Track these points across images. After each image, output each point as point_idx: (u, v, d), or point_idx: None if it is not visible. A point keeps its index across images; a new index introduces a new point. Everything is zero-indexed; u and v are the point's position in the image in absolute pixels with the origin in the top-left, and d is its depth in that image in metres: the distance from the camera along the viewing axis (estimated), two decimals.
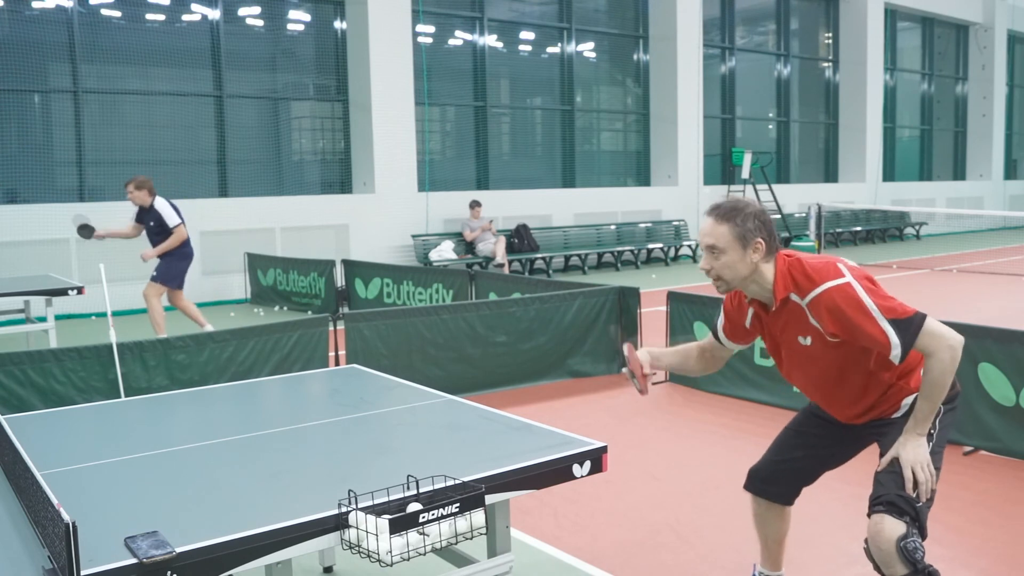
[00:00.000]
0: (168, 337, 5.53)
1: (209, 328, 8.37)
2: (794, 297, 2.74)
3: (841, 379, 2.84)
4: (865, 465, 4.73)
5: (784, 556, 3.37)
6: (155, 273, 8.60)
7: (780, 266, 2.76)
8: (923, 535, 2.64)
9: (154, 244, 8.63)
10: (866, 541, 2.69)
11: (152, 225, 8.60)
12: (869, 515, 2.69)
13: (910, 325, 2.61)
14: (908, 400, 2.84)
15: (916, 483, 2.66)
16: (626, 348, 3.09)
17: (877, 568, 2.68)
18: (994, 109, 25.50)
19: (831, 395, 2.93)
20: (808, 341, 2.79)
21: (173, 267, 8.62)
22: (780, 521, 3.24)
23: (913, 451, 2.69)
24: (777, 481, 3.16)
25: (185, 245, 8.69)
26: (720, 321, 3.10)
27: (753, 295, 2.84)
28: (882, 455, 2.82)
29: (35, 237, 10.94)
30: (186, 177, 12.94)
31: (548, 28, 16.93)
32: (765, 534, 3.27)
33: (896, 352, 2.62)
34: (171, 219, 8.55)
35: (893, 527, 2.60)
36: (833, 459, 3.14)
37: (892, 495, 2.65)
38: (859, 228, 20.99)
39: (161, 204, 8.58)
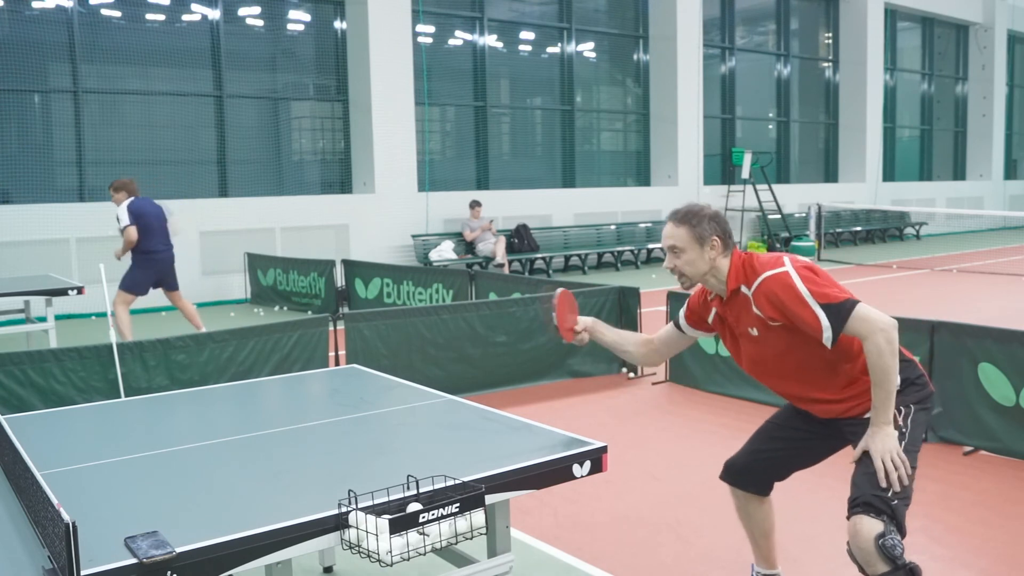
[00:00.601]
0: (168, 337, 5.54)
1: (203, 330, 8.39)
2: (743, 289, 2.94)
3: (799, 370, 2.96)
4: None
5: (776, 553, 3.39)
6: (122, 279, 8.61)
7: (735, 261, 2.99)
8: (902, 533, 2.70)
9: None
10: (848, 543, 2.75)
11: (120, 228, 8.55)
12: (848, 517, 2.76)
13: (840, 309, 2.75)
14: None
15: (887, 473, 2.73)
16: (559, 291, 3.26)
17: (861, 569, 2.73)
18: (994, 109, 25.50)
19: (795, 387, 3.03)
20: (756, 332, 2.96)
21: (133, 273, 8.56)
22: (761, 513, 3.30)
23: (881, 442, 2.77)
24: (750, 471, 3.25)
25: (145, 252, 8.51)
26: (683, 311, 3.29)
27: (712, 288, 3.05)
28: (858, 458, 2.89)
29: (35, 237, 10.94)
30: (186, 177, 12.95)
31: (548, 28, 16.93)
32: (750, 528, 3.34)
33: (827, 335, 2.77)
34: (122, 220, 8.44)
35: (871, 526, 2.67)
36: (809, 455, 3.23)
37: (868, 495, 2.72)
38: (859, 228, 20.98)
39: (121, 206, 8.50)
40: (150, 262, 8.56)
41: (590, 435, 3.00)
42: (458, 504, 2.36)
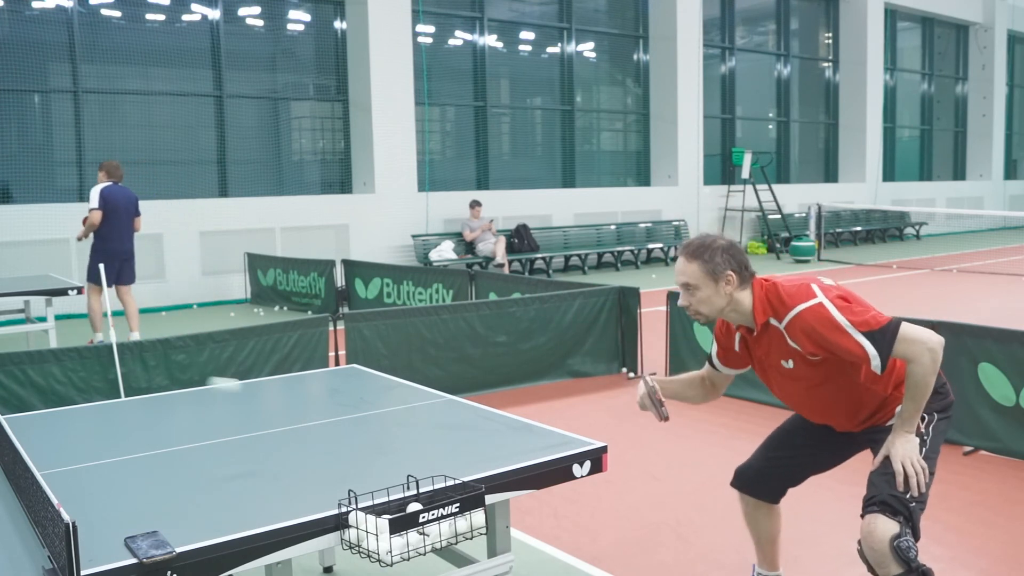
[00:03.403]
0: (168, 337, 5.53)
1: (100, 337, 8.47)
2: (773, 321, 2.82)
3: (833, 398, 2.89)
4: (865, 466, 4.73)
5: (780, 555, 3.38)
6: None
7: (757, 292, 2.85)
8: (916, 535, 2.66)
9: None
10: (859, 542, 2.72)
11: None
12: (863, 516, 2.72)
13: (884, 335, 2.66)
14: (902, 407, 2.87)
15: (907, 478, 2.70)
16: (644, 382, 3.17)
17: (871, 568, 2.69)
18: (994, 109, 25.50)
19: (826, 414, 2.98)
20: (791, 364, 2.86)
21: (90, 261, 8.63)
22: (770, 520, 3.27)
23: (902, 447, 2.73)
24: (764, 479, 3.19)
25: (101, 239, 8.58)
26: (713, 348, 3.19)
27: (735, 323, 2.95)
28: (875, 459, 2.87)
29: (35, 237, 10.93)
30: (186, 177, 12.95)
31: (548, 28, 16.93)
32: (757, 533, 3.31)
33: (876, 363, 2.67)
34: (91, 202, 8.53)
35: (886, 527, 2.62)
36: (823, 461, 3.18)
37: (885, 495, 2.68)
38: (859, 228, 20.98)
39: (96, 188, 8.60)
40: (103, 252, 8.62)
41: (590, 435, 3.00)
42: (458, 504, 2.36)
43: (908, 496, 2.68)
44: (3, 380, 4.98)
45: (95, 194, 8.55)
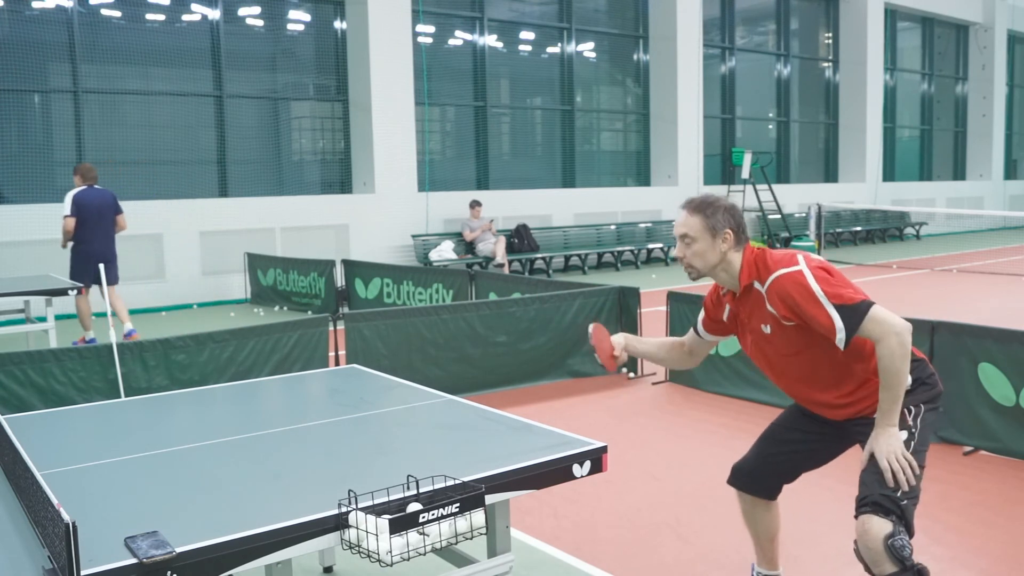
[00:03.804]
0: (168, 337, 5.54)
1: (91, 335, 8.61)
2: (756, 285, 2.93)
3: (810, 370, 2.93)
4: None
5: (779, 554, 3.38)
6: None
7: (747, 256, 2.97)
8: (910, 532, 2.68)
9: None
10: (855, 541, 2.74)
11: None
12: (856, 516, 2.74)
13: (855, 312, 2.71)
14: None
15: (894, 473, 2.71)
16: (592, 327, 3.37)
17: (867, 568, 2.71)
18: (994, 109, 25.50)
19: (804, 387, 3.00)
20: (768, 329, 2.94)
21: (72, 265, 8.76)
22: (768, 517, 3.28)
23: (886, 443, 2.76)
24: (759, 476, 3.22)
25: (78, 242, 8.70)
26: (700, 316, 3.30)
27: (722, 283, 3.05)
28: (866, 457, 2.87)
29: (35, 237, 10.92)
30: (186, 177, 12.95)
31: (548, 28, 16.93)
32: (756, 531, 3.32)
33: (840, 336, 2.73)
34: (64, 208, 8.62)
35: (880, 526, 2.65)
36: (817, 456, 3.20)
37: (876, 495, 2.70)
38: (859, 228, 20.99)
39: (69, 193, 8.68)
40: (80, 253, 8.74)
41: (590, 435, 3.00)
42: (458, 504, 2.36)
43: (899, 494, 2.69)
44: (3, 380, 4.98)
45: (68, 200, 8.65)
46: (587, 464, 2.79)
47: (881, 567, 2.64)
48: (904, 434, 2.79)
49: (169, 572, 2.05)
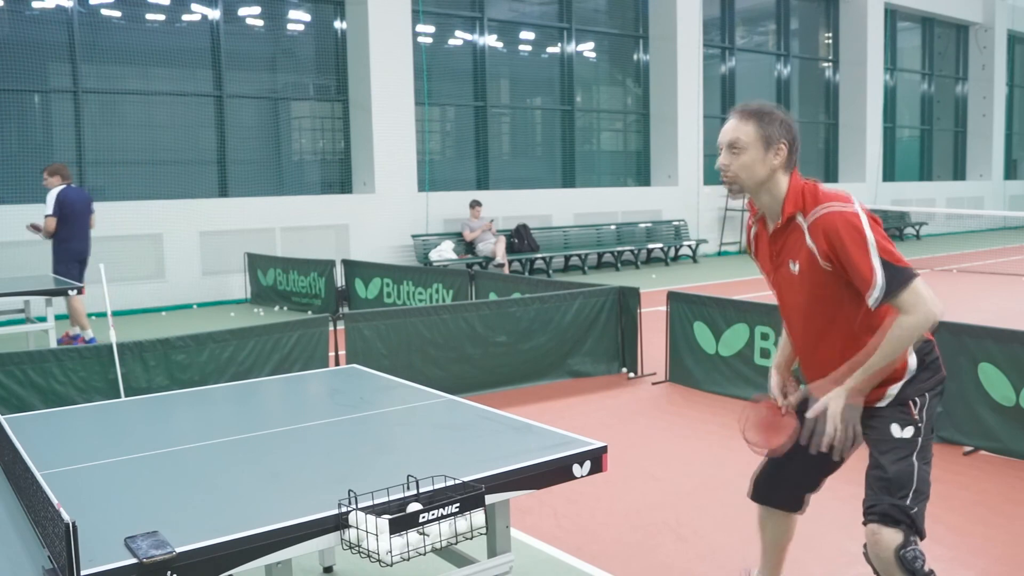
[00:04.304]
0: (168, 337, 5.54)
1: (90, 333, 8.68)
2: (799, 217, 2.68)
3: (825, 326, 2.74)
4: (864, 464, 4.73)
5: (784, 565, 3.30)
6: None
7: (795, 182, 2.70)
8: (921, 536, 2.63)
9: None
10: (865, 546, 2.68)
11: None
12: (864, 523, 2.67)
13: (900, 273, 2.53)
14: (894, 389, 2.73)
15: (832, 439, 2.63)
16: (750, 427, 2.89)
17: (876, 572, 2.67)
18: (994, 109, 25.50)
19: (813, 345, 2.81)
20: (797, 268, 2.71)
21: (57, 266, 8.80)
22: (785, 526, 3.18)
23: (840, 406, 2.64)
24: (779, 489, 3.10)
25: (62, 241, 8.76)
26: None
27: (762, 206, 2.76)
28: (871, 453, 2.76)
29: (36, 237, 10.90)
30: (186, 177, 12.95)
31: (548, 28, 16.93)
32: (767, 539, 3.22)
33: (875, 294, 2.54)
34: (47, 208, 8.67)
35: (891, 537, 2.58)
36: (830, 460, 3.01)
37: (886, 505, 2.61)
38: None
39: (50, 193, 8.71)
40: (67, 251, 8.79)
41: (590, 435, 3.00)
42: (458, 504, 2.36)
43: (908, 502, 2.61)
44: (3, 380, 4.98)
45: (52, 199, 8.69)
46: (587, 464, 2.79)
47: (891, 574, 2.60)
48: (911, 430, 2.68)
49: (169, 572, 2.05)
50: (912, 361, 2.71)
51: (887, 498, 2.61)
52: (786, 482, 3.06)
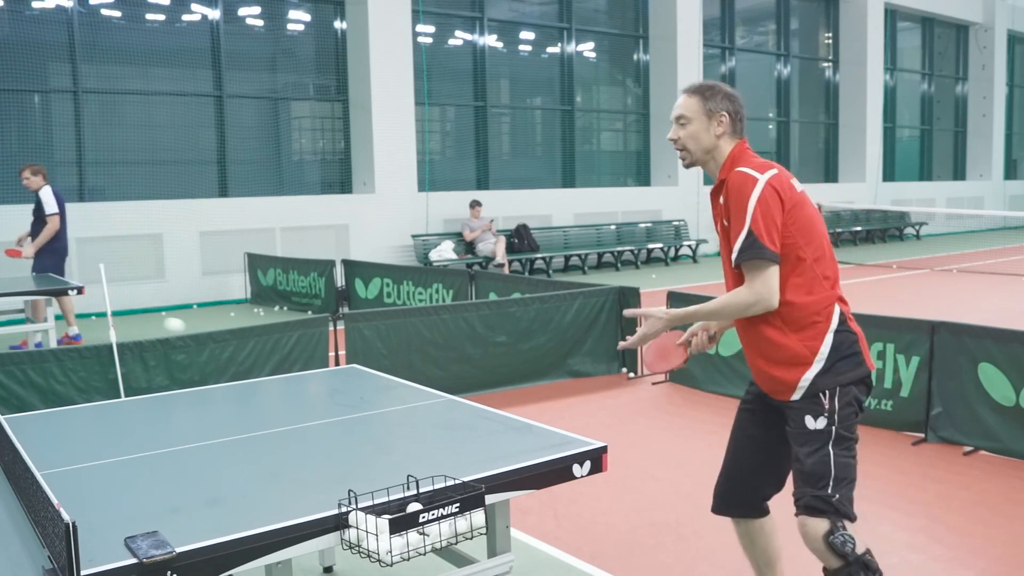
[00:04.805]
0: (168, 337, 5.54)
1: (75, 330, 8.70)
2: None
3: (727, 282, 2.91)
4: (866, 465, 4.72)
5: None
6: (33, 272, 8.80)
7: (735, 150, 2.87)
8: (850, 519, 2.71)
9: (35, 232, 8.81)
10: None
11: (35, 212, 8.77)
12: (796, 514, 2.78)
13: (758, 250, 2.67)
14: (805, 381, 2.74)
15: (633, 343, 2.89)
16: (650, 347, 3.09)
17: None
18: (994, 109, 25.50)
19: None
20: (720, 227, 2.91)
21: (43, 262, 8.79)
22: (764, 539, 3.10)
23: (654, 324, 2.90)
24: (734, 493, 3.07)
25: (56, 240, 8.80)
26: None
27: (711, 173, 2.94)
28: (792, 446, 2.82)
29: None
30: (186, 177, 12.95)
31: (548, 28, 16.93)
32: (754, 557, 3.15)
33: (734, 256, 2.72)
34: (48, 206, 8.68)
35: (817, 526, 2.70)
36: (778, 451, 2.97)
37: (808, 497, 2.73)
38: (859, 228, 20.98)
39: (45, 192, 8.73)
40: (56, 251, 8.83)
41: (590, 435, 3.00)
42: (458, 504, 2.36)
43: (830, 490, 2.69)
44: (3, 380, 4.98)
45: (51, 199, 8.67)
46: (587, 464, 2.79)
47: (827, 562, 2.72)
48: (823, 420, 2.72)
49: (169, 572, 2.05)
50: (823, 349, 2.74)
51: (809, 490, 2.72)
52: (743, 484, 3.06)
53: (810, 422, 2.75)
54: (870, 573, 2.71)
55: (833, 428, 2.73)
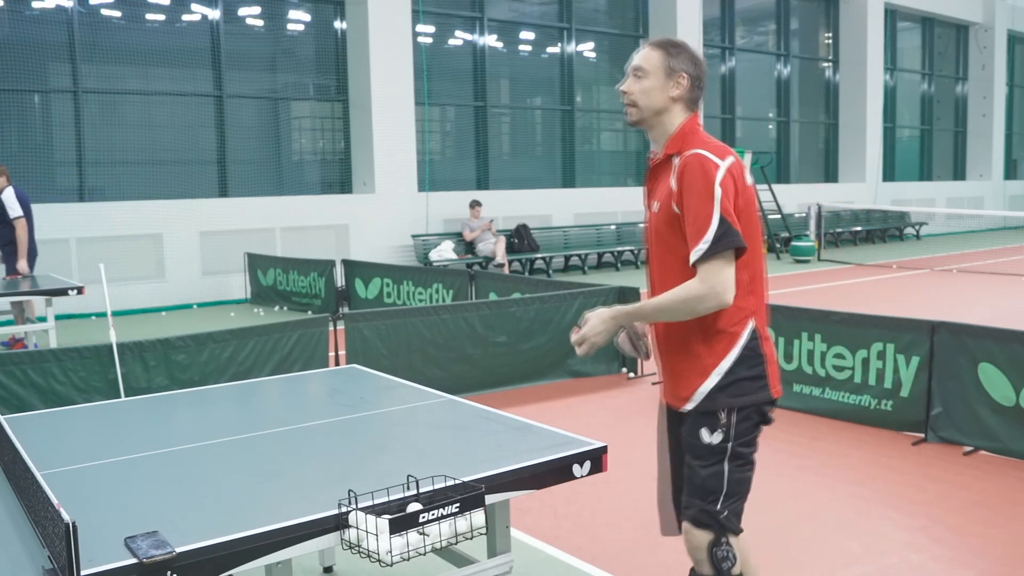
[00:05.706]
0: (168, 337, 5.54)
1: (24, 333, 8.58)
2: (675, 159, 2.63)
3: (663, 273, 2.68)
4: (866, 465, 4.73)
5: None
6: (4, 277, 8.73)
7: (688, 124, 2.67)
8: (736, 533, 2.65)
9: (0, 235, 8.67)
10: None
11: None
12: (679, 518, 2.75)
13: (729, 234, 2.46)
14: (702, 389, 2.62)
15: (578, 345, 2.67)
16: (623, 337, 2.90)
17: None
18: (994, 109, 25.51)
19: (654, 292, 2.73)
20: (656, 208, 2.67)
21: (13, 264, 8.70)
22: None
23: (595, 326, 2.64)
24: (669, 510, 2.92)
25: (32, 242, 8.74)
26: None
27: (654, 139, 2.75)
28: (685, 455, 2.70)
29: (35, 237, 10.92)
30: (186, 177, 12.95)
31: (548, 28, 16.93)
32: None
33: (702, 248, 2.46)
34: (12, 210, 8.53)
35: (701, 537, 2.65)
36: (677, 472, 2.84)
37: (695, 510, 2.64)
38: (859, 228, 20.98)
39: (7, 194, 8.59)
40: (29, 253, 8.70)
41: (590, 435, 3.00)
42: (458, 504, 2.36)
43: (719, 507, 2.61)
44: (3, 380, 4.98)
45: (13, 200, 8.53)
46: (587, 464, 2.79)
47: (701, 568, 2.67)
48: (719, 435, 2.60)
49: (169, 572, 2.05)
50: (724, 364, 2.59)
51: (698, 502, 2.64)
52: (669, 503, 2.94)
53: (705, 435, 2.62)
54: None
55: (729, 445, 2.60)
